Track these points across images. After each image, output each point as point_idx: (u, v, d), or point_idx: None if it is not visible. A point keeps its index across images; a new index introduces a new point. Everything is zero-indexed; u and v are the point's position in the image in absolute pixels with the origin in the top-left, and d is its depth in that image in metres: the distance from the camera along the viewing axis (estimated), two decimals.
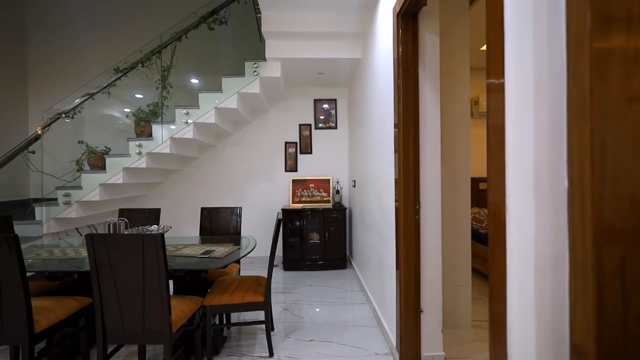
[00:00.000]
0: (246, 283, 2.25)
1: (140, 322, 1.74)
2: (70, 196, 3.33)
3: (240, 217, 2.98)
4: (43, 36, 4.39)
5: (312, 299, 3.19)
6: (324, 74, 3.93)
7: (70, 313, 2.00)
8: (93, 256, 1.69)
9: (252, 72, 3.44)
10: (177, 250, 2.27)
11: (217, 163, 4.48)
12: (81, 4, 4.35)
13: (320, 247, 4.04)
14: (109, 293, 1.72)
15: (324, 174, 4.52)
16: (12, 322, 1.74)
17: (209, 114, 3.44)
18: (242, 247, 2.42)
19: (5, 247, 1.69)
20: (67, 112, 3.56)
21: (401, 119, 2.00)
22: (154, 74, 3.55)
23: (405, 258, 1.99)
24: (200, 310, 2.12)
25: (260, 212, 4.47)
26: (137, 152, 3.39)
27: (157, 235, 1.67)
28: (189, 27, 3.47)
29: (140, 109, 3.54)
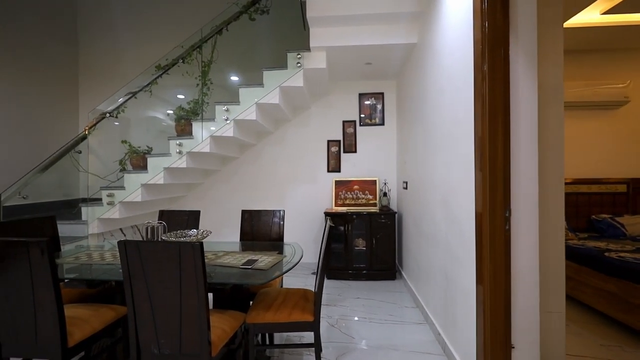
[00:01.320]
0: (292, 298, 1.97)
1: (177, 343, 1.51)
2: (113, 197, 3.29)
3: (283, 220, 2.72)
4: (92, 38, 4.49)
5: (361, 314, 2.84)
6: (371, 64, 3.58)
7: (106, 324, 1.84)
8: (126, 265, 1.49)
9: (295, 64, 3.18)
10: (217, 258, 2.05)
11: (257, 163, 4.29)
12: (126, 5, 4.38)
13: (366, 255, 3.69)
14: (143, 305, 1.51)
15: (370, 174, 4.16)
16: (46, 334, 1.59)
17: (250, 110, 3.23)
18: (287, 256, 2.15)
19: (38, 252, 1.54)
20: (111, 111, 3.54)
21: (486, 109, 1.60)
22: (195, 69, 3.42)
23: (491, 279, 1.59)
24: (241, 327, 1.87)
25: (301, 215, 4.20)
26: (177, 152, 3.27)
27: (195, 244, 1.43)
28: (229, 19, 3.30)
29: (180, 107, 3.42)
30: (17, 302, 1.58)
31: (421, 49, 2.87)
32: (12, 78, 3.56)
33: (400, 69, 3.74)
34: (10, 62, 3.53)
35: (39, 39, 3.89)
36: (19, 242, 1.53)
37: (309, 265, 4.03)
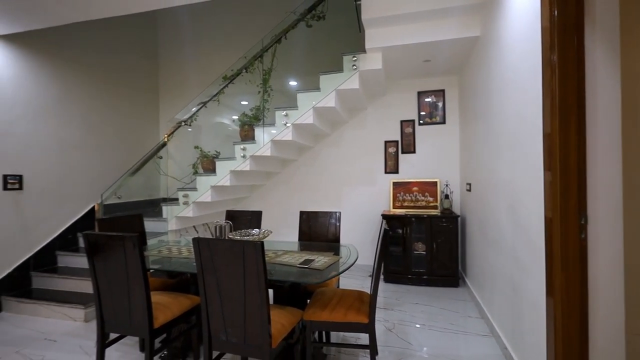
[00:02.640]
0: (348, 299, 2.00)
1: (242, 333, 1.65)
2: (188, 197, 3.66)
3: (339, 222, 2.77)
4: (169, 54, 5.05)
5: (419, 320, 2.75)
6: (430, 62, 3.44)
7: (184, 311, 2.07)
8: (199, 259, 1.67)
9: (351, 67, 3.20)
10: (277, 257, 2.17)
11: (315, 165, 4.41)
12: (196, 23, 4.84)
13: (426, 259, 3.55)
14: (213, 296, 1.67)
15: (430, 175, 3.99)
16: (137, 316, 1.86)
17: (307, 115, 3.34)
18: (343, 257, 2.18)
19: (131, 245, 1.81)
20: (185, 120, 3.96)
21: (556, 103, 1.45)
22: (257, 78, 3.66)
23: (563, 291, 1.43)
24: (299, 323, 1.95)
25: (358, 217, 4.21)
26: (242, 156, 3.53)
27: (256, 244, 1.54)
28: (288, 28, 3.45)
29: (244, 114, 3.68)
30: (116, 287, 1.87)
31: (484, 42, 2.67)
32: (106, 93, 4.18)
33: (462, 64, 3.53)
34: (103, 78, 4.15)
35: (127, 57, 4.50)
36: (117, 237, 1.81)
37: (365, 267, 4.02)
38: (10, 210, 3.13)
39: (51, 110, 3.50)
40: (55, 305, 2.93)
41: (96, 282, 1.91)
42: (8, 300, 3.07)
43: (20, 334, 2.66)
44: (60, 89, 3.60)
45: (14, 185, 3.14)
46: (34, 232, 3.34)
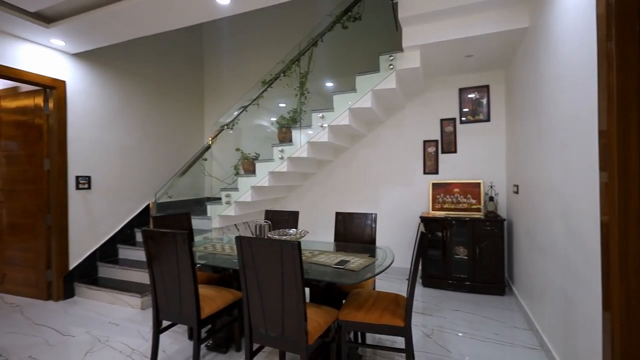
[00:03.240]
0: (383, 301, 1.99)
1: (280, 327, 1.72)
2: (230, 197, 3.86)
3: (375, 223, 2.76)
4: (212, 61, 5.34)
5: (460, 328, 2.65)
6: (472, 57, 3.29)
7: (227, 304, 2.20)
8: (241, 256, 1.77)
9: (388, 66, 3.17)
10: (313, 257, 2.22)
11: (351, 166, 4.41)
12: (236, 32, 5.07)
13: (468, 264, 3.40)
14: (254, 292, 1.77)
15: (473, 176, 3.81)
16: (187, 307, 2.02)
17: (343, 116, 3.37)
18: (379, 259, 2.18)
19: (181, 241, 1.97)
20: (228, 124, 4.18)
21: (614, 98, 1.33)
22: (294, 81, 3.75)
23: (622, 305, 1.31)
24: (334, 323, 1.99)
25: (395, 218, 4.14)
26: (279, 157, 3.64)
27: (294, 243, 1.60)
28: (324, 31, 3.51)
29: (282, 117, 3.80)
30: (169, 279, 2.04)
31: (534, 34, 2.50)
32: (158, 101, 4.54)
33: (509, 58, 3.32)
34: (156, 88, 4.50)
35: (175, 67, 4.84)
36: (170, 233, 1.98)
37: (402, 270, 3.95)
38: (81, 208, 3.54)
39: (113, 119, 3.89)
40: (116, 292, 3.26)
41: (152, 273, 2.10)
42: (79, 286, 3.47)
43: (89, 316, 3.00)
44: (121, 99, 3.99)
45: (84, 185, 3.55)
46: (100, 226, 3.75)
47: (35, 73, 3.19)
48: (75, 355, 2.36)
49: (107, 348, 2.44)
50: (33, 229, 3.44)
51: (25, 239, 3.49)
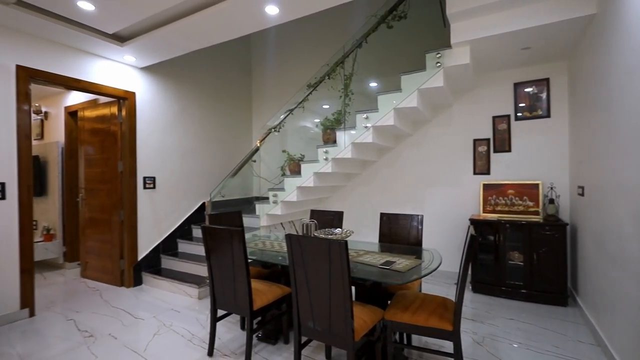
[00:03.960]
0: (430, 304, 1.96)
1: (327, 322, 1.78)
2: (277, 196, 4.03)
3: (421, 225, 2.71)
4: (259, 67, 5.60)
5: (515, 337, 2.51)
6: (530, 49, 3.08)
7: (276, 298, 2.32)
8: (291, 253, 1.87)
9: (435, 64, 3.09)
10: (359, 256, 2.25)
11: (395, 166, 4.36)
12: (285, 35, 5.25)
13: (524, 271, 3.18)
14: (302, 288, 1.85)
15: (530, 177, 3.55)
16: (241, 298, 2.17)
17: (388, 116, 3.35)
18: (425, 261, 2.15)
19: (236, 237, 2.12)
20: (275, 126, 4.36)
21: None
22: (338, 83, 3.81)
23: None
24: (380, 322, 2.01)
25: (442, 220, 4.01)
26: (324, 158, 3.72)
27: (341, 242, 1.65)
28: (368, 32, 3.51)
29: (326, 119, 3.88)
30: (225, 272, 2.21)
31: (602, 20, 2.28)
32: (212, 107, 4.88)
33: (572, 48, 3.05)
34: (210, 94, 4.84)
35: (226, 74, 5.16)
36: (226, 230, 2.14)
37: (450, 274, 3.81)
38: (148, 205, 3.95)
39: (173, 124, 4.27)
40: (177, 282, 3.58)
41: (210, 266, 2.29)
42: (146, 275, 3.87)
43: (154, 303, 3.34)
44: (180, 106, 4.37)
45: (150, 185, 3.95)
46: (163, 222, 4.14)
47: (111, 86, 3.62)
48: (145, 335, 2.65)
49: (171, 332, 2.70)
50: (109, 224, 3.91)
51: (103, 232, 3.98)
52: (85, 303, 3.36)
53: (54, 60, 3.20)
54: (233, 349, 2.41)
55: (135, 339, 2.60)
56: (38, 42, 3.08)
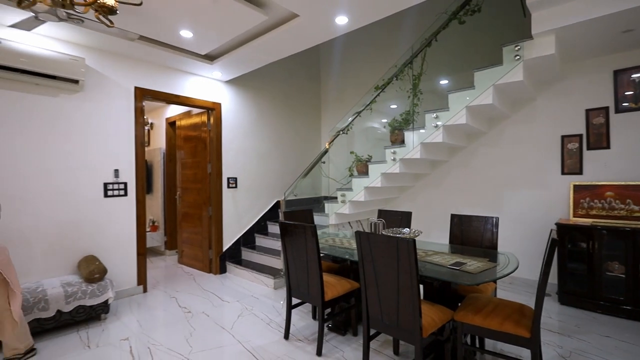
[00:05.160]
0: (505, 309, 1.90)
1: (395, 317, 1.87)
2: (345, 196, 4.19)
3: (496, 228, 2.59)
4: (328, 73, 5.83)
5: (610, 357, 2.24)
6: (633, 31, 2.69)
7: (345, 292, 2.47)
8: (360, 250, 1.99)
9: (513, 57, 2.90)
10: (427, 256, 2.27)
11: (468, 166, 4.16)
12: (352, 40, 5.38)
13: (625, 284, 2.79)
14: (371, 283, 1.96)
15: (635, 177, 3.09)
16: (313, 288, 2.37)
17: (459, 115, 3.24)
18: (500, 264, 2.07)
19: (310, 233, 2.33)
20: (343, 129, 4.53)
21: None
22: (406, 84, 3.80)
23: None
24: (449, 323, 2.01)
25: (522, 224, 3.71)
26: (392, 159, 3.75)
27: (409, 240, 1.72)
28: (438, 29, 3.44)
29: (394, 119, 3.90)
30: (299, 263, 2.44)
31: None
32: (284, 112, 5.25)
33: None
34: (282, 101, 5.22)
35: (297, 81, 5.49)
36: (300, 225, 2.37)
37: (531, 282, 3.51)
38: (230, 203, 4.46)
39: (251, 130, 4.74)
40: (255, 273, 3.99)
41: (286, 259, 2.54)
42: (230, 264, 4.38)
43: (237, 289, 3.77)
44: (257, 113, 4.82)
45: (232, 185, 4.46)
46: (243, 218, 4.63)
47: (202, 99, 4.19)
48: (230, 316, 3.04)
49: (252, 315, 3.05)
50: (200, 218, 4.51)
51: (195, 225, 4.61)
52: (182, 285, 3.95)
53: (159, 80, 3.83)
54: (306, 335, 2.63)
55: (223, 318, 3.00)
56: (148, 66, 3.73)
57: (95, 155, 3.30)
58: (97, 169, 3.31)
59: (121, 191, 3.49)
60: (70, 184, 3.15)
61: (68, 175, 3.13)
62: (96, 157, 3.31)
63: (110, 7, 1.96)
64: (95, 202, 3.30)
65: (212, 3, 2.53)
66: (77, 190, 3.19)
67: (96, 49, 3.29)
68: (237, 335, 2.65)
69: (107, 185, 3.38)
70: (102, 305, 2.90)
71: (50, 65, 2.86)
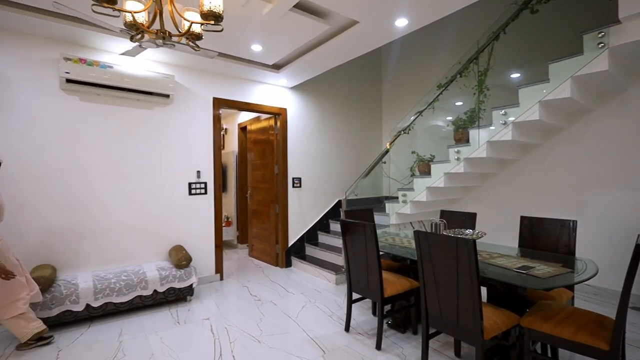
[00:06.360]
0: (581, 318, 1.77)
1: (455, 317, 1.88)
2: (406, 196, 4.18)
3: (574, 232, 2.39)
4: (390, 71, 5.82)
5: None
6: None
7: (405, 290, 2.52)
8: (419, 249, 2.04)
9: (596, 45, 2.62)
10: (491, 259, 2.21)
11: (543, 165, 3.82)
12: (413, 40, 5.30)
13: None
14: (430, 282, 2.00)
15: None
16: (373, 284, 2.48)
17: (531, 111, 3.02)
18: (576, 271, 1.93)
19: (369, 231, 2.44)
20: (404, 129, 4.51)
21: None
22: (471, 81, 3.65)
23: None
24: (516, 329, 1.94)
25: (609, 229, 3.29)
26: (455, 158, 3.65)
27: (469, 240, 1.73)
28: (507, 21, 3.25)
29: (458, 117, 3.78)
30: (359, 260, 2.56)
31: None
32: (345, 114, 5.39)
33: None
34: (343, 103, 5.36)
35: (359, 82, 5.59)
36: (359, 223, 2.49)
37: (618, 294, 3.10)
38: (296, 202, 4.77)
39: (314, 132, 4.99)
40: (318, 268, 4.21)
41: (347, 255, 2.69)
42: (294, 259, 4.69)
43: (301, 282, 4.04)
44: (320, 116, 5.06)
45: (297, 185, 4.76)
46: (307, 216, 4.90)
47: (269, 105, 4.56)
48: (295, 307, 3.29)
49: (315, 307, 3.26)
50: (268, 215, 4.91)
51: (263, 221, 5.02)
52: (253, 275, 4.36)
53: (233, 90, 4.28)
54: (366, 330, 2.74)
55: (288, 307, 3.26)
56: (223, 78, 4.20)
57: (181, 158, 3.84)
58: (183, 171, 3.85)
59: (202, 190, 3.99)
60: (162, 183, 3.71)
61: (160, 176, 3.70)
62: (182, 160, 3.84)
63: (197, 34, 2.32)
64: (181, 199, 3.84)
65: (279, 20, 2.79)
66: (167, 189, 3.75)
67: (183, 66, 3.83)
68: (301, 324, 2.88)
69: (191, 185, 3.90)
70: (188, 289, 3.38)
71: (148, 84, 3.42)
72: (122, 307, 3.01)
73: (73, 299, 2.76)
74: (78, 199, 3.19)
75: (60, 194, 3.11)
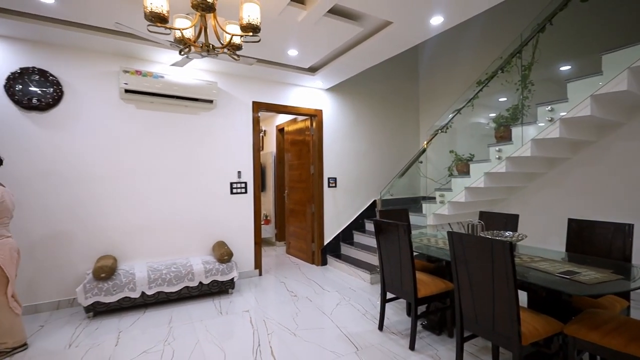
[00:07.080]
0: (635, 329, 1.65)
1: (490, 320, 1.84)
2: (443, 197, 4.07)
3: (631, 237, 2.20)
4: (426, 72, 5.68)
5: None
6: None
7: (439, 291, 2.50)
8: (453, 250, 2.02)
9: None
10: (533, 262, 2.12)
11: (599, 164, 3.51)
12: (451, 36, 5.13)
13: None
14: (464, 284, 1.97)
15: None
16: (406, 284, 2.48)
17: (582, 106, 2.81)
18: (631, 278, 1.80)
19: (402, 231, 2.44)
20: (442, 127, 4.39)
21: None
22: (514, 76, 3.47)
23: None
24: (559, 337, 1.85)
25: None
26: (497, 157, 3.49)
27: (505, 242, 1.69)
28: (554, 11, 3.05)
29: (500, 115, 3.61)
30: (393, 260, 2.58)
31: None
32: (381, 114, 5.36)
33: None
34: (379, 102, 5.34)
35: (395, 81, 5.53)
36: (394, 224, 2.50)
37: None
38: (331, 201, 4.85)
39: (349, 132, 5.03)
40: (353, 267, 4.25)
41: (380, 255, 2.71)
42: (330, 257, 4.78)
43: (336, 281, 4.11)
44: (355, 116, 5.09)
45: (332, 185, 4.84)
46: (342, 216, 4.97)
47: (306, 107, 4.68)
48: (330, 304, 3.37)
49: (349, 305, 3.31)
50: (304, 214, 5.04)
51: (300, 220, 5.17)
52: (290, 272, 4.51)
53: (270, 93, 4.46)
54: (400, 330, 2.74)
55: (324, 304, 3.35)
56: (261, 83, 4.39)
57: (224, 159, 4.09)
58: (225, 171, 4.09)
59: (242, 189, 4.22)
60: (207, 182, 3.98)
61: (205, 176, 3.97)
62: (224, 161, 4.09)
63: (237, 45, 2.48)
64: (224, 197, 4.09)
65: (314, 25, 2.88)
66: (211, 188, 4.01)
67: (225, 73, 4.07)
68: (336, 321, 2.95)
69: (232, 184, 4.14)
70: (230, 282, 3.60)
71: (194, 91, 3.70)
72: (172, 296, 3.30)
73: (131, 286, 3.08)
74: (134, 197, 3.55)
75: (120, 193, 3.47)
